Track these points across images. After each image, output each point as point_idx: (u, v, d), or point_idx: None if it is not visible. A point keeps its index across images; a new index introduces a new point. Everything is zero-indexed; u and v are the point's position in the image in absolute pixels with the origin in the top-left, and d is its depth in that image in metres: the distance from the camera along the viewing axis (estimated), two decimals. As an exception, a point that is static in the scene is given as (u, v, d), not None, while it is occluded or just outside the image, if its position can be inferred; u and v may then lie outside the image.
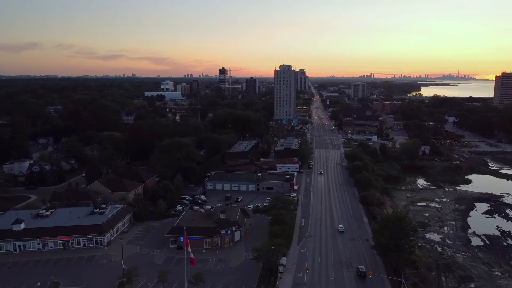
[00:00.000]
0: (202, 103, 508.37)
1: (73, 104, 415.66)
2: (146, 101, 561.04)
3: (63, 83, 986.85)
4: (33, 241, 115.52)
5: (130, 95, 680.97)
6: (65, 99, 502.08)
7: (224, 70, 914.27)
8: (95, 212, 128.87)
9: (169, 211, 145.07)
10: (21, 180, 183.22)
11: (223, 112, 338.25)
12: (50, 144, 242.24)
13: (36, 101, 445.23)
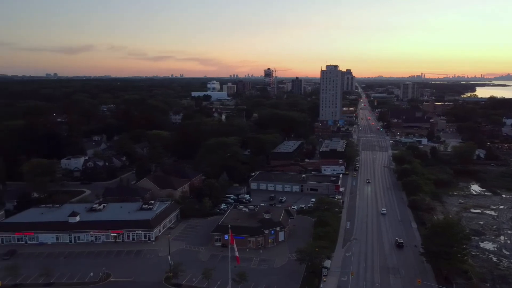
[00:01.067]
0: (247, 103, 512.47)
1: (125, 103, 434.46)
2: (193, 101, 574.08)
3: (115, 83, 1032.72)
4: (87, 234, 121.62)
5: (178, 95, 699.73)
6: (117, 99, 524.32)
7: (269, 71, 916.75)
8: (144, 207, 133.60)
9: (214, 209, 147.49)
10: (77, 175, 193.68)
11: (268, 112, 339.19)
12: (103, 141, 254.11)
13: (91, 100, 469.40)
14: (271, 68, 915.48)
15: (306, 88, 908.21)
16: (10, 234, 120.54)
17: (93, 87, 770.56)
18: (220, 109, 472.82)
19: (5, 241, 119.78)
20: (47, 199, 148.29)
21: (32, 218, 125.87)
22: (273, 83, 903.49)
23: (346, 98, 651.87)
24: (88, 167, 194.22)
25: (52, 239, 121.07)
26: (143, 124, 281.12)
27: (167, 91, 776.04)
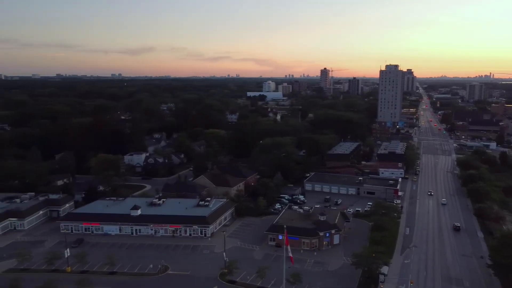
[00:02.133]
0: (303, 103, 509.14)
1: (183, 103, 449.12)
2: (248, 101, 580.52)
3: (174, 83, 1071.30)
4: (147, 227, 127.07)
5: (234, 95, 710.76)
6: (176, 98, 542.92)
7: (325, 70, 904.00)
8: (200, 204, 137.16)
9: (268, 208, 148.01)
10: (138, 170, 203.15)
11: (323, 112, 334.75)
12: (163, 139, 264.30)
13: (152, 99, 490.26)
14: (327, 68, 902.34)
15: (364, 88, 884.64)
16: (78, 224, 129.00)
17: (154, 87, 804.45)
18: (275, 109, 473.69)
19: (74, 230, 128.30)
20: (111, 192, 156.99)
21: (98, 210, 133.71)
22: (329, 83, 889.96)
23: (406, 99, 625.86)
24: (149, 163, 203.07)
25: (115, 230, 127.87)
26: (200, 122, 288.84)
27: (223, 90, 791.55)
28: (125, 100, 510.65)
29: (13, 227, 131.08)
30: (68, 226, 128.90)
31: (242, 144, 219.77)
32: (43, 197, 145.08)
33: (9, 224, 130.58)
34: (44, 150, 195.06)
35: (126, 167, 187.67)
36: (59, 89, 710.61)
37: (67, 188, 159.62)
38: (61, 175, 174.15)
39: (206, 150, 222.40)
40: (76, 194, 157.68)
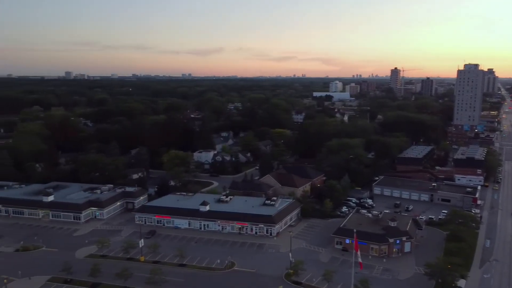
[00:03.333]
0: (371, 104, 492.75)
1: (250, 102, 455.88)
2: (314, 101, 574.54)
3: (241, 83, 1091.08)
4: (215, 223, 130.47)
5: (300, 95, 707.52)
6: (243, 98, 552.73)
7: (396, 70, 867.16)
8: (266, 203, 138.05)
9: (335, 211, 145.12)
10: (206, 167, 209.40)
11: (393, 114, 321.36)
12: (230, 137, 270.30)
13: (220, 98, 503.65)
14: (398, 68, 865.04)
15: (438, 89, 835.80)
16: (151, 216, 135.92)
17: (222, 86, 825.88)
18: (342, 110, 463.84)
19: (147, 222, 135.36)
20: (182, 187, 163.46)
21: (169, 204, 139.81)
22: (400, 83, 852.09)
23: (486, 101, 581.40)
24: (216, 161, 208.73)
25: (185, 224, 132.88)
26: (267, 122, 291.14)
27: (289, 90, 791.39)
28: (195, 99, 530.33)
29: (94, 216, 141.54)
30: (142, 218, 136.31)
31: (308, 145, 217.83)
32: (120, 189, 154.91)
33: (90, 213, 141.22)
34: (122, 145, 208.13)
35: (195, 164, 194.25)
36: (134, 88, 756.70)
37: (141, 181, 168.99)
38: (136, 169, 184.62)
39: (272, 150, 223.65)
40: (150, 187, 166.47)
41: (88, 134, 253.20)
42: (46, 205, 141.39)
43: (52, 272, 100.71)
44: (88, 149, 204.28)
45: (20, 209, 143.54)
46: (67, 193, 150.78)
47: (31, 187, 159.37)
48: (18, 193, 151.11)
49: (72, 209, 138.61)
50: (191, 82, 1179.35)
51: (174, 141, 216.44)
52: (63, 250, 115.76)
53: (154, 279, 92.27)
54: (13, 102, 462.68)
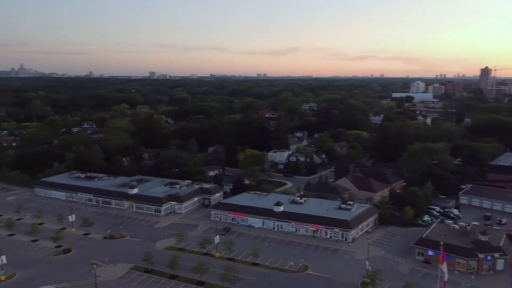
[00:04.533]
0: (458, 106, 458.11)
1: (325, 102, 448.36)
2: (393, 102, 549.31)
3: (316, 83, 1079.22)
4: (288, 224, 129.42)
5: (377, 95, 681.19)
6: (318, 98, 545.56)
7: (486, 70, 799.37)
8: (342, 207, 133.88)
9: (416, 219, 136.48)
10: (280, 167, 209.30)
11: (484, 117, 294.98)
12: (304, 138, 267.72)
13: (294, 98, 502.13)
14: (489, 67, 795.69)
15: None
16: (226, 213, 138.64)
17: (296, 86, 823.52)
18: (425, 112, 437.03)
19: (222, 219, 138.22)
20: (256, 186, 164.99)
21: (244, 202, 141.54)
22: (491, 84, 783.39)
23: None
24: (291, 161, 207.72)
25: (259, 223, 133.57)
26: (342, 123, 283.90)
27: (366, 91, 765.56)
28: (270, 99, 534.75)
29: (173, 210, 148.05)
30: (217, 214, 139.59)
31: (387, 148, 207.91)
32: (197, 186, 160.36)
33: (170, 207, 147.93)
34: (200, 142, 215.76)
35: (270, 164, 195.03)
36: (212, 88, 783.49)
37: (218, 179, 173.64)
38: (213, 166, 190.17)
39: (348, 152, 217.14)
40: (225, 185, 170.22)
41: (169, 131, 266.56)
42: (130, 197, 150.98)
43: (134, 261, 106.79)
44: (169, 146, 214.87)
45: (108, 199, 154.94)
46: (149, 186, 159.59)
47: (118, 179, 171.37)
48: (107, 185, 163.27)
49: (153, 202, 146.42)
50: (266, 82, 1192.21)
51: (250, 140, 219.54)
52: (145, 240, 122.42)
53: (228, 276, 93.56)
54: (105, 100, 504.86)
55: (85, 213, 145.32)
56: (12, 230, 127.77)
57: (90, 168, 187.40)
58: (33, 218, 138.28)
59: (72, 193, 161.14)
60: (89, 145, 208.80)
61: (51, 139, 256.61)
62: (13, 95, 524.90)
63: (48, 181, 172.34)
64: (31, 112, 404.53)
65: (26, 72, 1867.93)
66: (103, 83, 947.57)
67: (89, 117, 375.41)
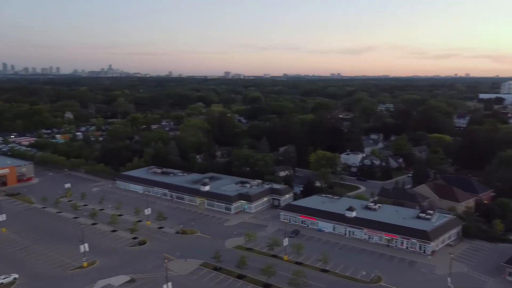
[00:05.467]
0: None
1: (403, 103, 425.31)
2: (481, 104, 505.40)
3: (393, 83, 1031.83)
4: (361, 230, 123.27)
5: (462, 96, 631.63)
6: (395, 98, 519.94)
7: None
8: (421, 216, 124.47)
9: (507, 235, 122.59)
10: (353, 170, 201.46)
11: None
12: (380, 140, 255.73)
13: (370, 99, 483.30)
14: None
15: None
16: (296, 215, 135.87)
17: (372, 86, 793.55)
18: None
19: (292, 221, 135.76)
20: (327, 189, 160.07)
21: (314, 205, 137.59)
22: None
23: None
24: (364, 165, 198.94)
25: (329, 228, 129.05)
26: (422, 126, 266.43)
27: (450, 91, 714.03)
28: (344, 99, 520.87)
29: (243, 209, 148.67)
30: (287, 216, 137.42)
31: (473, 154, 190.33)
32: (268, 185, 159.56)
33: (240, 206, 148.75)
34: (271, 142, 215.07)
35: (342, 166, 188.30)
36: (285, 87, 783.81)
37: (288, 179, 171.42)
38: (284, 166, 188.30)
39: (428, 157, 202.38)
40: (296, 186, 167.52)
41: (242, 130, 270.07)
42: (202, 194, 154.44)
43: (204, 258, 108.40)
44: (241, 144, 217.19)
45: (182, 195, 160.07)
46: (221, 184, 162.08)
47: (192, 176, 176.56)
48: (181, 181, 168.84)
49: (224, 200, 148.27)
50: (340, 81, 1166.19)
51: (322, 141, 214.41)
52: (215, 238, 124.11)
53: (297, 281, 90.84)
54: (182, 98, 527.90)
55: (160, 207, 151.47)
56: (95, 220, 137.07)
57: (166, 163, 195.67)
58: (113, 209, 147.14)
59: (149, 187, 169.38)
60: (166, 142, 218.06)
61: (132, 135, 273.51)
62: (102, 93, 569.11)
63: (128, 174, 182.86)
64: (116, 109, 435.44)
65: (114, 72, 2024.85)
66: (181, 83, 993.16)
67: (168, 114, 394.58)
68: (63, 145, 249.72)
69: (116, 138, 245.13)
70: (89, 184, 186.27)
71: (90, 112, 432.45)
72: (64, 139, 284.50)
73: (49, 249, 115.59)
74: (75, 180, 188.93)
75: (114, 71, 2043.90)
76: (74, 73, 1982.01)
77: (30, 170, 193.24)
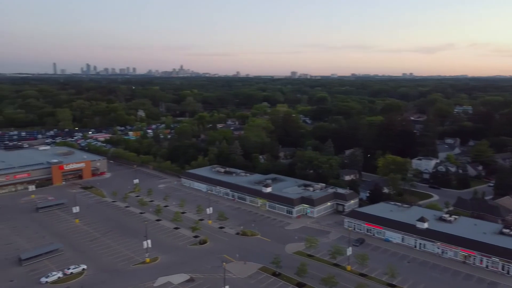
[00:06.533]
0: None
1: (484, 105, 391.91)
2: None
3: (472, 83, 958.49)
4: (433, 244, 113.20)
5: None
6: (474, 100, 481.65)
7: None
8: (504, 232, 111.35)
9: None
10: (425, 177, 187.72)
11: None
12: (456, 145, 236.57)
13: (445, 100, 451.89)
14: None
15: None
16: (361, 223, 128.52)
17: (448, 87, 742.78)
18: None
19: (356, 229, 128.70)
20: (396, 196, 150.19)
21: (382, 213, 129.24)
22: None
23: None
24: (438, 171, 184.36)
25: (397, 238, 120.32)
26: (507, 130, 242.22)
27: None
28: (416, 100, 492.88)
29: (305, 213, 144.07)
30: (351, 223, 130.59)
31: None
32: (332, 190, 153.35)
33: (302, 209, 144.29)
34: (337, 144, 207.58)
35: (413, 172, 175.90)
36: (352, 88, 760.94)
37: (354, 184, 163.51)
38: (349, 170, 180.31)
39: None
40: (362, 191, 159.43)
41: (306, 130, 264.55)
42: (264, 195, 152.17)
43: (263, 261, 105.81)
44: (305, 146, 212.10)
45: (243, 195, 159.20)
46: (283, 186, 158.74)
47: (254, 176, 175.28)
48: (243, 181, 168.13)
49: (286, 202, 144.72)
50: (412, 81, 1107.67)
51: (391, 144, 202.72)
52: (275, 241, 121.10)
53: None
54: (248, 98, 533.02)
55: (222, 206, 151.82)
56: (160, 216, 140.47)
57: (229, 163, 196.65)
58: (177, 206, 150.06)
59: (212, 186, 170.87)
60: (230, 141, 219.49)
61: (199, 134, 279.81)
62: (172, 92, 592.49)
63: (193, 172, 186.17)
64: (185, 108, 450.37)
65: (185, 72, 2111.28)
66: (248, 82, 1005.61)
67: (233, 114, 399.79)
68: (134, 141, 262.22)
69: (183, 136, 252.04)
70: (156, 180, 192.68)
71: (160, 111, 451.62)
72: (135, 136, 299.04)
73: (116, 242, 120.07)
74: (143, 176, 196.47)
75: (185, 72, 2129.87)
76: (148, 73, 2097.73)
77: (103, 165, 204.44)
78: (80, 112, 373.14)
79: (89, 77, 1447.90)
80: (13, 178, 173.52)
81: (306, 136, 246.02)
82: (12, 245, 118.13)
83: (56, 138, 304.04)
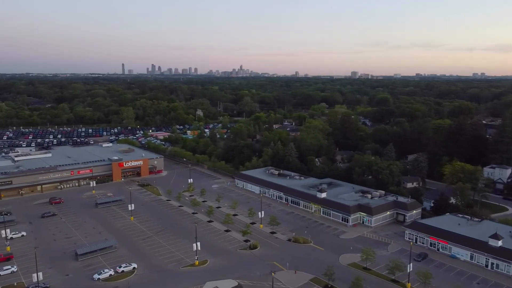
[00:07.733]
0: None
1: None
2: None
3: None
4: (508, 264, 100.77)
5: None
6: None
7: None
8: None
9: None
10: (499, 188, 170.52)
11: None
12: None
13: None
14: None
15: None
16: (424, 236, 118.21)
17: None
18: None
19: (418, 242, 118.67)
20: (465, 208, 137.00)
21: (448, 226, 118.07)
22: None
23: None
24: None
25: (465, 255, 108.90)
26: None
27: None
28: (488, 102, 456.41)
29: (362, 221, 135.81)
30: (412, 235, 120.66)
31: None
32: (392, 198, 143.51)
33: (359, 217, 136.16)
34: (399, 148, 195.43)
35: (485, 182, 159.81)
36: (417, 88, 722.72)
37: (416, 192, 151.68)
38: (412, 177, 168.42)
39: None
40: (425, 201, 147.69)
41: (366, 133, 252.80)
42: (319, 200, 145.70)
43: (315, 272, 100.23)
44: (364, 149, 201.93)
45: (297, 199, 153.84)
46: (339, 192, 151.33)
47: (309, 180, 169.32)
48: (298, 184, 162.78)
49: (342, 209, 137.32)
50: (484, 82, 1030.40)
51: (460, 150, 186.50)
52: (328, 250, 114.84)
53: (421, 319, 76.74)
54: (306, 98, 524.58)
55: (274, 210, 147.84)
56: (211, 217, 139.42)
57: (284, 165, 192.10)
58: (229, 208, 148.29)
59: (265, 188, 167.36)
60: (286, 143, 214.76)
61: (254, 134, 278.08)
62: (231, 92, 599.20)
63: (246, 174, 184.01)
64: (242, 108, 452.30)
65: (244, 72, 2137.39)
66: (306, 82, 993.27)
67: (290, 114, 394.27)
68: (191, 140, 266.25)
69: (238, 137, 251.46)
70: (210, 180, 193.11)
71: (218, 110, 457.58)
72: (193, 135, 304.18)
73: (167, 242, 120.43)
74: (198, 175, 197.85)
75: (244, 72, 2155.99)
76: (209, 73, 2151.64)
77: (160, 163, 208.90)
78: (143, 110, 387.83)
79: (154, 77, 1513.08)
80: (77, 174, 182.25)
81: (365, 139, 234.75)
82: (71, 239, 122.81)
83: (119, 135, 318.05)
